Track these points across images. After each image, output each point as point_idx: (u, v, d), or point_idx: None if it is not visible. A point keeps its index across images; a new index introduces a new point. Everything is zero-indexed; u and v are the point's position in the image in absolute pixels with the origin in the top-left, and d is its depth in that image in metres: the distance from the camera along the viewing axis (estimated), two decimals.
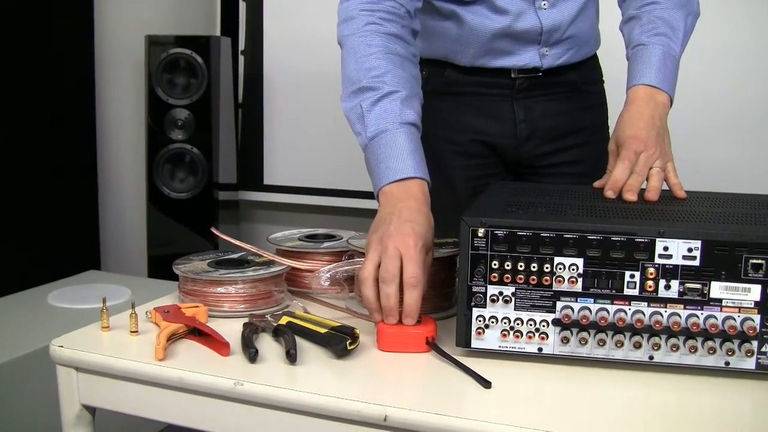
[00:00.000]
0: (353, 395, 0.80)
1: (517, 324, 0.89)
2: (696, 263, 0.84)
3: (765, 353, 0.84)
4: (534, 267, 0.87)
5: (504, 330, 0.89)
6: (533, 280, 0.87)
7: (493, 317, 0.89)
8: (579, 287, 0.87)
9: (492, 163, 1.46)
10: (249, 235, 3.33)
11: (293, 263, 1.12)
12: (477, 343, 0.90)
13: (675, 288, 0.85)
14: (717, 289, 0.84)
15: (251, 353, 0.89)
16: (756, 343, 0.84)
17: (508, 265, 0.87)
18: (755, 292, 0.83)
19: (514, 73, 1.40)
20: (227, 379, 0.84)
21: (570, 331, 0.88)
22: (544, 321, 0.88)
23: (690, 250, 0.84)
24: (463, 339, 0.90)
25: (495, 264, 0.88)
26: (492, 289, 0.89)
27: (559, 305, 0.87)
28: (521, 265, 0.87)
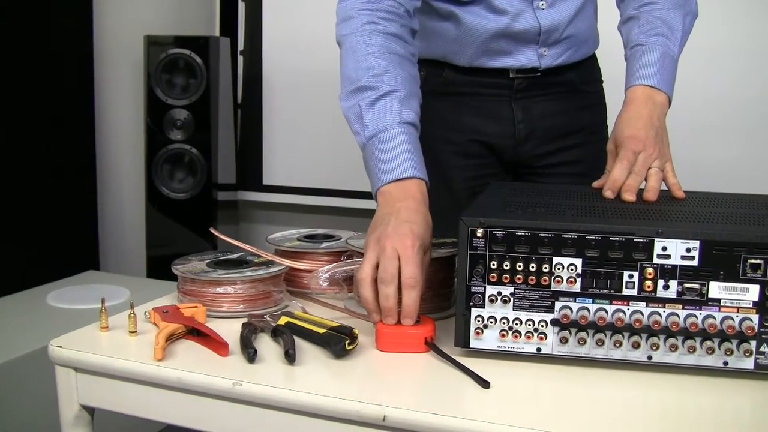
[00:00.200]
0: (352, 395, 0.80)
1: (516, 324, 0.89)
2: (694, 263, 0.84)
3: (763, 353, 0.84)
4: (533, 267, 0.87)
5: (503, 330, 0.89)
6: (532, 280, 0.87)
7: (492, 317, 0.89)
8: (577, 287, 0.87)
9: (490, 163, 1.46)
10: (248, 236, 3.33)
11: (292, 263, 1.12)
12: (476, 343, 0.90)
13: (673, 288, 0.85)
14: (715, 289, 0.84)
15: (250, 353, 0.89)
16: (754, 343, 0.84)
17: (506, 265, 0.87)
18: (754, 292, 0.83)
19: (512, 73, 1.40)
20: (226, 380, 0.84)
21: (568, 331, 0.88)
22: (542, 321, 0.88)
23: (688, 250, 0.84)
24: (462, 339, 0.90)
25: (494, 264, 0.88)
26: (491, 289, 0.89)
27: (558, 305, 0.88)
28: (520, 265, 0.87)
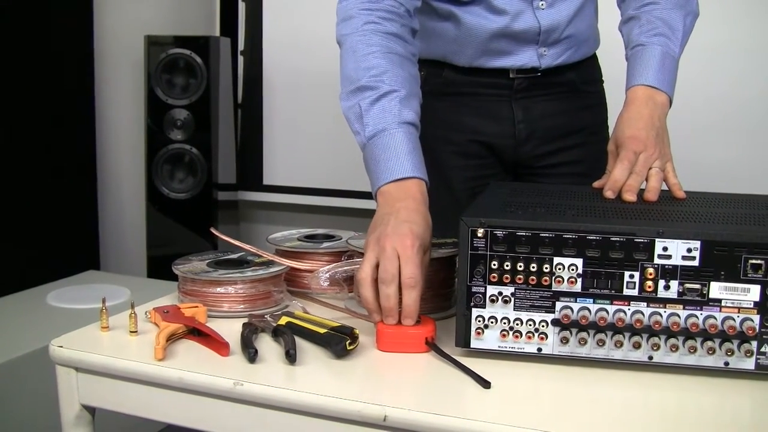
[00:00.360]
0: (353, 395, 0.80)
1: (517, 324, 0.89)
2: (695, 263, 0.84)
3: (764, 353, 0.84)
4: (533, 267, 0.87)
5: (503, 330, 0.89)
6: (532, 280, 0.87)
7: (493, 317, 0.89)
8: (578, 287, 0.87)
9: (491, 164, 1.46)
10: (248, 236, 3.33)
11: (292, 263, 1.12)
12: (476, 343, 0.90)
13: (674, 288, 0.85)
14: (716, 290, 0.84)
15: (251, 353, 0.89)
16: (755, 344, 0.84)
17: (507, 266, 0.87)
18: (754, 292, 0.83)
19: (512, 73, 1.40)
20: (227, 379, 0.84)
21: (569, 332, 0.88)
22: (543, 321, 0.88)
23: (689, 250, 0.84)
24: (463, 339, 0.90)
25: (494, 264, 0.88)
26: (491, 290, 0.89)
27: (559, 305, 0.87)
28: (520, 266, 0.87)
